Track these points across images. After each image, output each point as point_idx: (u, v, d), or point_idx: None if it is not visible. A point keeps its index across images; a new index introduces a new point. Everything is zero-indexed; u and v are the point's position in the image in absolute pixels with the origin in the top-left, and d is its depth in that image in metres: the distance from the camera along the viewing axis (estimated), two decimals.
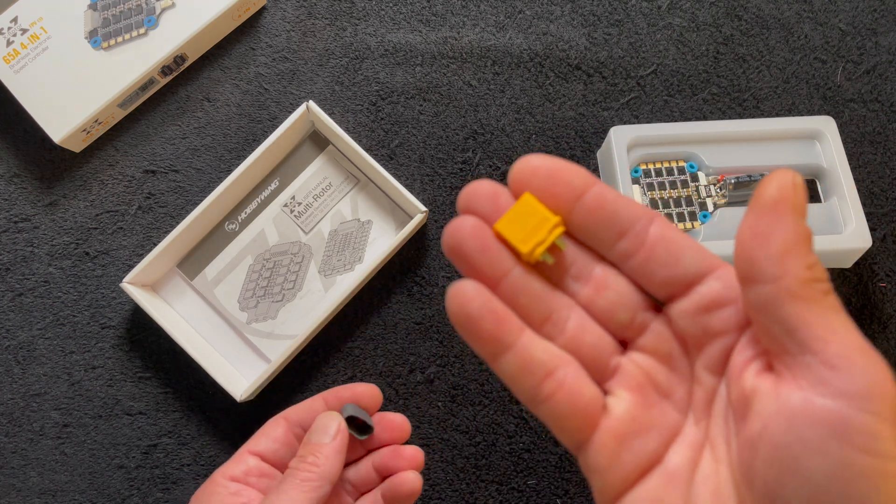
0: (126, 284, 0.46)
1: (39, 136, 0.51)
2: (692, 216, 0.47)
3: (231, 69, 0.54)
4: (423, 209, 0.47)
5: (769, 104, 0.53)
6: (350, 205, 0.50)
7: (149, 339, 0.49)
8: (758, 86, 0.53)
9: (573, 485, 0.46)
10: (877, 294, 0.49)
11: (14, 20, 0.51)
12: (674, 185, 0.48)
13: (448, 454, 0.47)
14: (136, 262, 0.47)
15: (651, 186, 0.48)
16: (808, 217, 0.51)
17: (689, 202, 0.48)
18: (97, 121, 0.50)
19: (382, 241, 0.50)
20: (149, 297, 0.47)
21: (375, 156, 0.51)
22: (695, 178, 0.48)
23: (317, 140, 0.51)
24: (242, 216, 0.50)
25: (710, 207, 0.47)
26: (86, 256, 0.50)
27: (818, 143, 0.49)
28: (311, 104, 0.49)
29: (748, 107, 0.53)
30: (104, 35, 0.51)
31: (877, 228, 0.50)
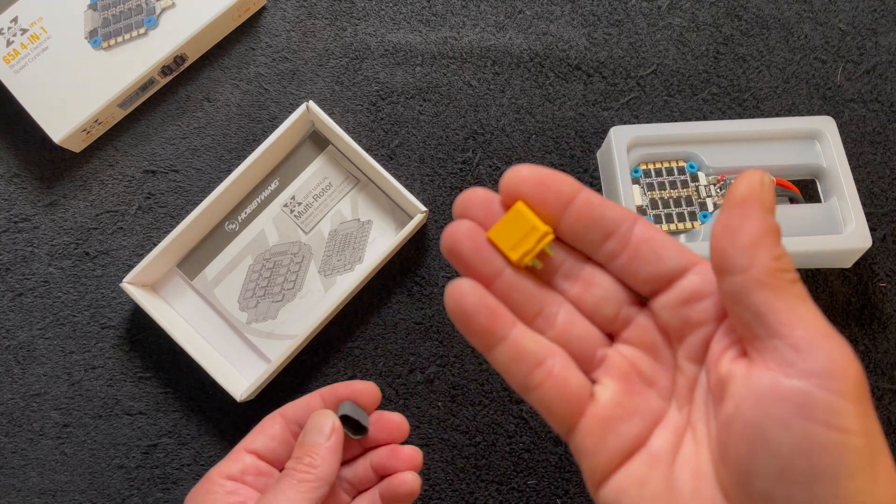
0: (126, 284, 0.46)
1: (39, 136, 0.51)
2: (692, 216, 0.47)
3: (231, 69, 0.54)
4: (423, 209, 0.47)
5: (769, 104, 0.53)
6: (350, 205, 0.50)
7: (149, 339, 0.49)
8: (758, 86, 0.53)
9: (573, 485, 0.46)
10: (877, 294, 0.49)
11: (14, 20, 0.51)
12: (674, 185, 0.48)
13: (448, 454, 0.47)
14: (136, 262, 0.47)
15: (651, 186, 0.48)
16: (809, 217, 0.51)
17: (689, 202, 0.48)
18: (97, 121, 0.50)
19: (382, 241, 0.50)
20: (149, 297, 0.47)
21: (375, 156, 0.51)
22: (695, 178, 0.48)
23: (317, 140, 0.51)
24: (242, 216, 0.50)
25: (710, 207, 0.47)
26: (86, 256, 0.50)
27: (818, 143, 0.49)
28: (311, 104, 0.49)
29: (748, 107, 0.53)
30: (104, 35, 0.51)
31: (877, 228, 0.50)
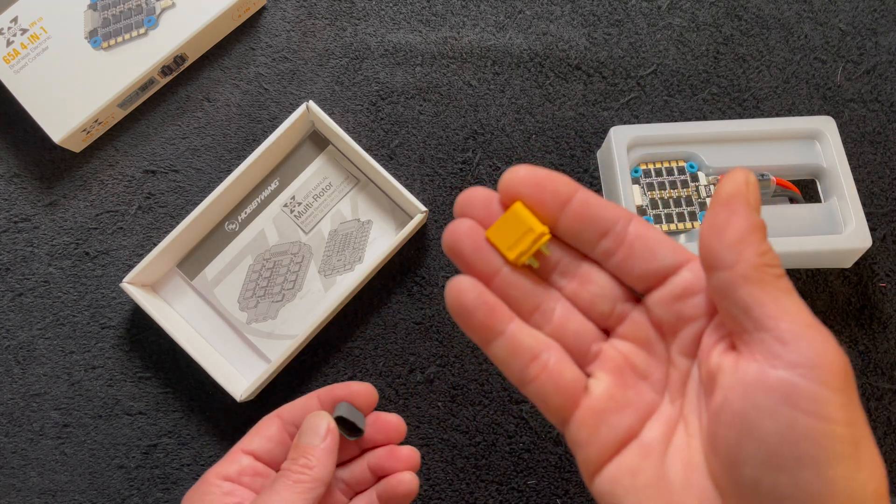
0: (126, 284, 0.46)
1: (39, 136, 0.51)
2: (692, 216, 0.47)
3: (231, 69, 0.54)
4: (423, 209, 0.47)
5: (769, 104, 0.53)
6: (350, 205, 0.50)
7: (149, 339, 0.49)
8: (758, 86, 0.53)
9: (573, 485, 0.46)
10: (877, 294, 0.49)
11: (14, 20, 0.51)
12: (674, 185, 0.48)
13: (448, 454, 0.47)
14: (136, 262, 0.47)
15: (651, 186, 0.48)
16: (809, 217, 0.51)
17: (689, 202, 0.48)
18: (97, 121, 0.50)
19: (382, 241, 0.50)
20: (149, 297, 0.47)
21: (375, 156, 0.51)
22: (695, 178, 0.48)
23: (317, 140, 0.51)
24: (242, 216, 0.50)
25: None
26: (86, 256, 0.50)
27: (818, 143, 0.49)
28: (311, 104, 0.49)
29: (748, 107, 0.53)
30: (104, 35, 0.51)
31: (877, 228, 0.50)
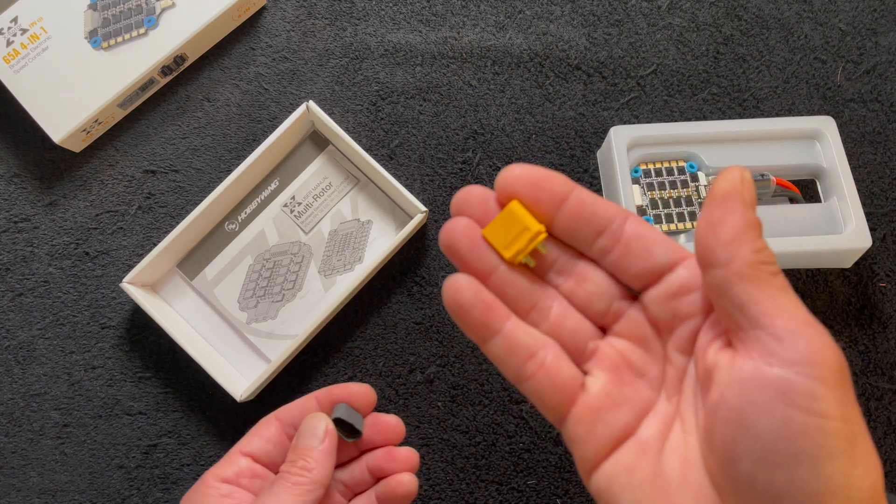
0: (126, 284, 0.46)
1: (39, 136, 0.51)
2: (692, 216, 0.47)
3: (231, 69, 0.54)
4: (423, 209, 0.47)
5: (769, 104, 0.53)
6: (350, 205, 0.50)
7: (149, 339, 0.49)
8: (758, 86, 0.53)
9: (573, 485, 0.46)
10: (877, 294, 0.49)
11: (14, 20, 0.51)
12: (674, 185, 0.48)
13: (448, 454, 0.47)
14: (136, 262, 0.47)
15: (651, 186, 0.48)
16: (809, 217, 0.51)
17: (689, 202, 0.48)
18: (97, 121, 0.50)
19: (382, 241, 0.50)
20: (149, 297, 0.47)
21: (375, 156, 0.51)
22: (695, 178, 0.48)
23: (317, 140, 0.51)
24: (242, 216, 0.50)
25: None
26: (86, 256, 0.50)
27: (818, 143, 0.49)
28: (311, 104, 0.49)
29: (748, 107, 0.53)
30: (104, 35, 0.51)
31: (877, 228, 0.50)
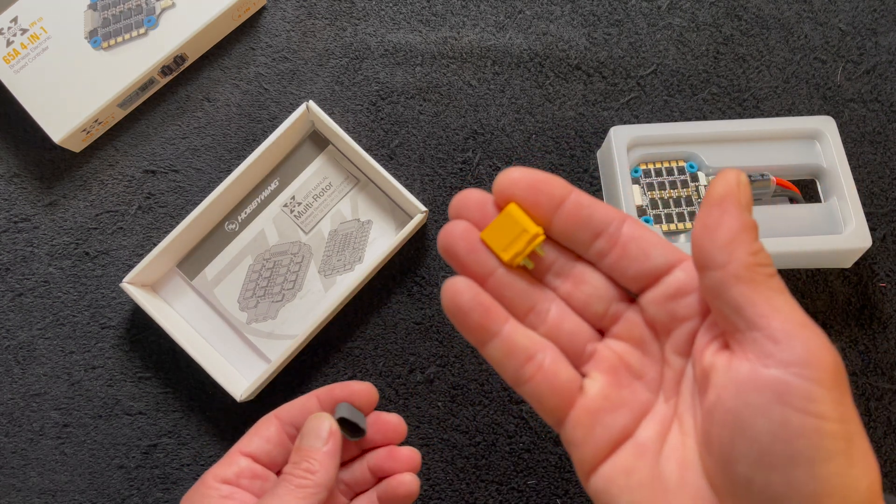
0: (126, 284, 0.46)
1: (39, 136, 0.51)
2: (692, 216, 0.47)
3: (231, 69, 0.54)
4: (423, 209, 0.47)
5: (769, 104, 0.53)
6: (350, 205, 0.50)
7: (149, 339, 0.49)
8: (758, 86, 0.53)
9: (573, 485, 0.46)
10: (877, 294, 0.49)
11: (14, 20, 0.51)
12: (674, 185, 0.48)
13: (448, 454, 0.47)
14: (136, 262, 0.47)
15: (651, 186, 0.48)
16: (809, 217, 0.51)
17: (689, 202, 0.48)
18: (97, 121, 0.50)
19: (382, 241, 0.50)
20: (149, 297, 0.47)
21: (375, 156, 0.51)
22: (695, 178, 0.48)
23: (317, 140, 0.51)
24: (242, 216, 0.50)
25: None
26: (86, 256, 0.50)
27: (818, 143, 0.49)
28: (311, 104, 0.49)
29: (748, 107, 0.53)
30: (104, 35, 0.51)
31: (877, 228, 0.50)
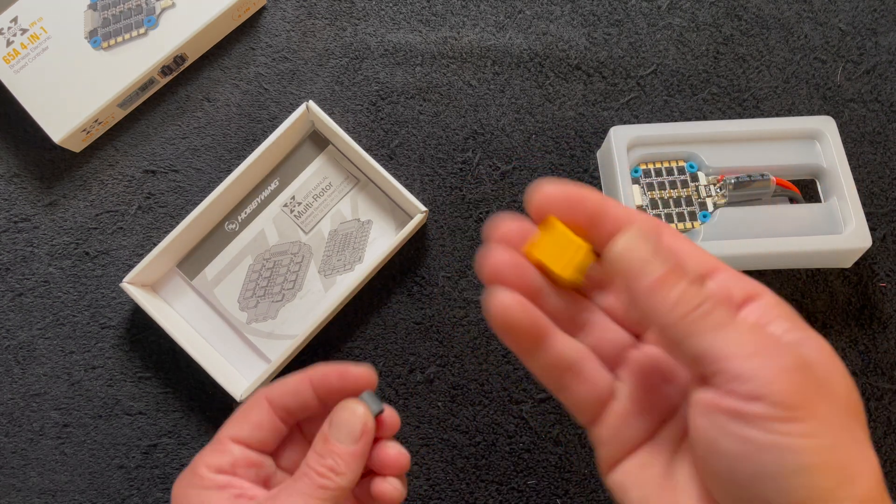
0: (126, 284, 0.46)
1: (39, 136, 0.51)
2: (692, 216, 0.47)
3: (231, 69, 0.54)
4: (423, 209, 0.47)
5: (769, 104, 0.53)
6: (350, 205, 0.50)
7: (149, 339, 0.49)
8: (758, 86, 0.53)
9: (573, 485, 0.46)
10: (877, 294, 0.49)
11: (14, 20, 0.51)
12: (674, 185, 0.48)
13: (448, 454, 0.47)
14: (136, 262, 0.47)
15: (651, 186, 0.48)
16: (809, 217, 0.51)
17: (689, 202, 0.48)
18: (97, 121, 0.50)
19: (382, 241, 0.50)
20: (149, 297, 0.47)
21: (375, 156, 0.51)
22: (695, 178, 0.48)
23: (317, 140, 0.51)
24: (242, 216, 0.50)
25: (710, 207, 0.47)
26: (86, 256, 0.50)
27: (818, 143, 0.49)
28: (311, 104, 0.49)
29: (748, 107, 0.53)
30: (104, 35, 0.51)
31: (877, 228, 0.50)
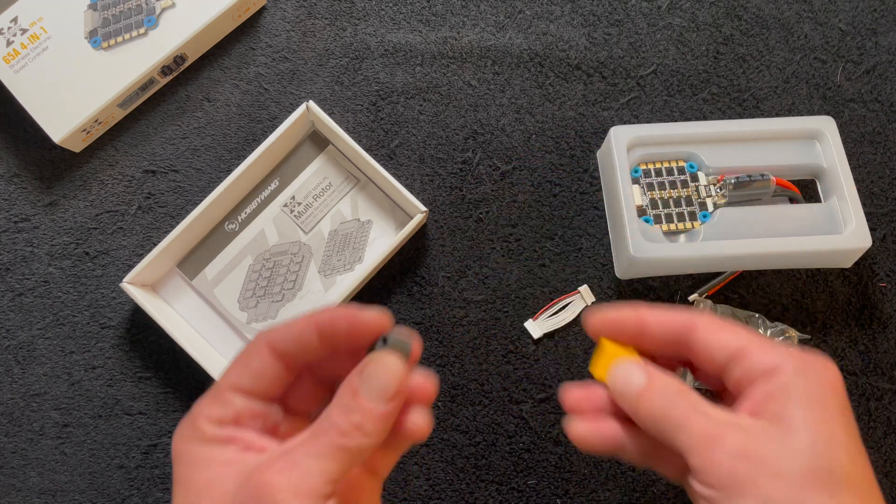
0: (126, 284, 0.46)
1: (39, 136, 0.51)
2: (692, 216, 0.47)
3: (231, 69, 0.54)
4: (423, 209, 0.47)
5: (769, 104, 0.53)
6: (350, 205, 0.50)
7: (149, 339, 0.49)
8: (758, 86, 0.53)
9: (573, 485, 0.46)
10: (877, 294, 0.49)
11: (14, 20, 0.51)
12: (674, 185, 0.48)
13: (448, 454, 0.47)
14: (136, 262, 0.47)
15: (651, 186, 0.48)
16: (809, 217, 0.51)
17: (689, 202, 0.48)
18: (97, 121, 0.50)
19: (382, 241, 0.50)
20: (149, 297, 0.47)
21: (375, 156, 0.51)
22: (695, 178, 0.48)
23: (317, 140, 0.51)
24: (242, 216, 0.50)
25: (710, 207, 0.47)
26: (86, 256, 0.50)
27: (818, 143, 0.49)
28: (311, 104, 0.49)
29: (748, 107, 0.53)
30: (104, 35, 0.51)
31: (877, 228, 0.50)
